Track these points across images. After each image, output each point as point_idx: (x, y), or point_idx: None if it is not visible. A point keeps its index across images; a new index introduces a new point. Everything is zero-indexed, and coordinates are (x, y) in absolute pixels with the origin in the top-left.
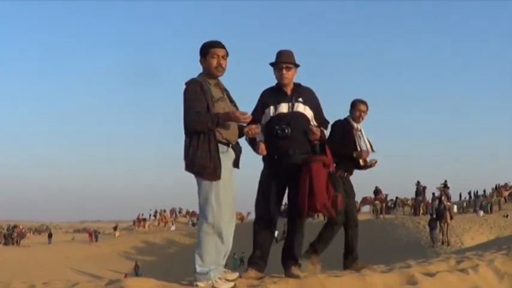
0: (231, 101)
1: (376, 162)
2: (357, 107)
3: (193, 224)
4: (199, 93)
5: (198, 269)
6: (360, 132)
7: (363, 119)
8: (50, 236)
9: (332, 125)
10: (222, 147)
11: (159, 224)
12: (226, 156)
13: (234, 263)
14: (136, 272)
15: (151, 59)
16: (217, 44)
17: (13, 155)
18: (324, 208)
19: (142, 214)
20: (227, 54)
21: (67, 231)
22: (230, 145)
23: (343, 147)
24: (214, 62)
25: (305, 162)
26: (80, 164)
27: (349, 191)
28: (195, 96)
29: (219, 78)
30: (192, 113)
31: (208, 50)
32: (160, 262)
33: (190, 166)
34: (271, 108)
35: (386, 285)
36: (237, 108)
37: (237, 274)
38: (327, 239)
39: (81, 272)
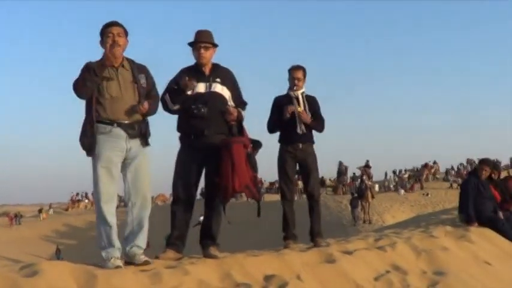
0: (134, 80)
1: (301, 111)
2: (291, 75)
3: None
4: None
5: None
6: (296, 100)
7: (299, 86)
8: None
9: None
10: (103, 128)
11: (92, 205)
12: (110, 136)
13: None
14: (58, 255)
15: None
16: (112, 23)
17: None
18: (246, 189)
19: (77, 195)
20: (126, 33)
21: None
22: (115, 124)
23: (281, 121)
24: (110, 41)
25: (225, 144)
26: None
27: (312, 165)
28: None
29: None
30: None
31: (104, 30)
32: (82, 245)
33: None
34: None
35: (304, 263)
36: (139, 88)
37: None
38: (318, 217)
39: (1, 256)
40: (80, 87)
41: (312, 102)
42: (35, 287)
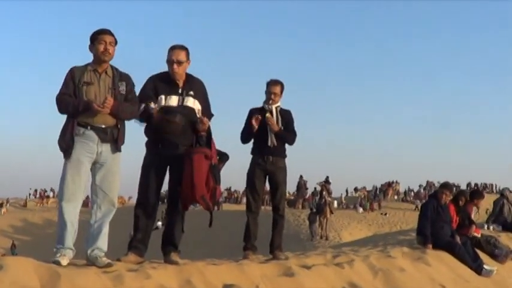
0: (113, 86)
1: (269, 117)
2: (267, 89)
3: None
4: (68, 79)
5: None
6: (270, 113)
7: (274, 101)
8: None
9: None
10: (77, 129)
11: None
12: (82, 138)
13: None
14: (13, 251)
15: None
16: (105, 31)
17: None
18: (202, 200)
19: (45, 190)
20: (116, 42)
21: None
22: (88, 127)
23: (253, 133)
24: (101, 48)
25: (187, 154)
26: None
27: (280, 179)
28: (64, 82)
29: (117, 67)
30: (58, 94)
31: (96, 36)
32: (38, 242)
33: None
34: (162, 97)
35: (263, 275)
36: (117, 94)
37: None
38: (280, 231)
39: None
40: (63, 109)
41: (285, 116)
42: None
